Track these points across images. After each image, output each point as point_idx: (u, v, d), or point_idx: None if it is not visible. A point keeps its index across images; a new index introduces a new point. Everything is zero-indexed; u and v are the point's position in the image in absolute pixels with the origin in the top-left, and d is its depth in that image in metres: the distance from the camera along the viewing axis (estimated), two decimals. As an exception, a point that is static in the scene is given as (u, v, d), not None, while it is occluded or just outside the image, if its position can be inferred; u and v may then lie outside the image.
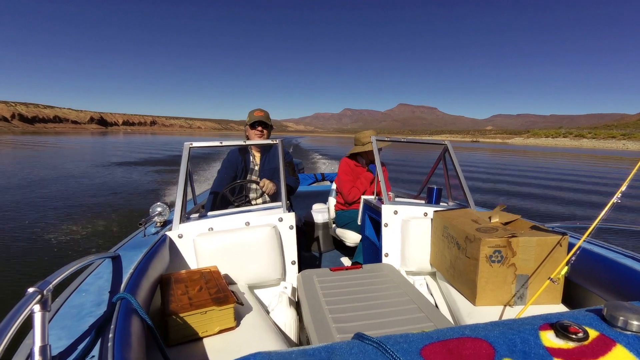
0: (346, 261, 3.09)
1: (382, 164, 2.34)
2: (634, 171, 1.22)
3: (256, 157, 2.61)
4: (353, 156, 3.08)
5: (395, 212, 2.12)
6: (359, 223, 2.74)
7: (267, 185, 2.33)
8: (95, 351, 0.84)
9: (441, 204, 2.32)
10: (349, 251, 3.16)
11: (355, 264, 2.72)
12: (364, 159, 3.03)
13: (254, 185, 2.50)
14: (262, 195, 2.55)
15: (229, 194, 2.31)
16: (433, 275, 2.11)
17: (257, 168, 2.58)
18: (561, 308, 1.55)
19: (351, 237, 2.92)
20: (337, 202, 3.19)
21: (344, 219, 3.00)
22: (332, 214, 3.29)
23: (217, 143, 2.14)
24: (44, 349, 0.72)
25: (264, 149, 2.60)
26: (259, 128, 2.51)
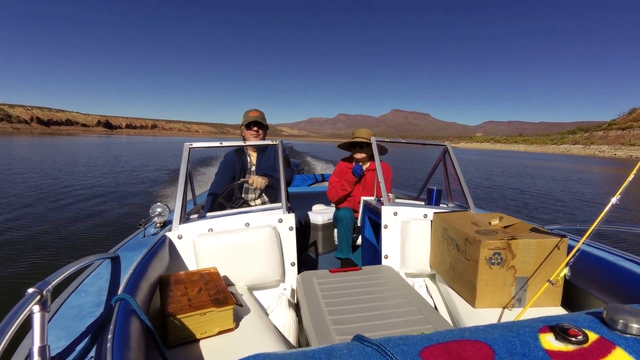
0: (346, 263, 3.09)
1: (382, 162, 2.33)
2: (633, 173, 1.22)
3: (253, 158, 2.62)
4: (349, 159, 3.09)
5: (395, 214, 2.12)
6: (359, 224, 2.74)
7: (256, 180, 2.32)
8: (94, 352, 0.84)
9: (441, 205, 2.32)
10: None
11: (343, 262, 2.74)
12: (353, 153, 2.99)
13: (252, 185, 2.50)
14: (260, 195, 2.56)
15: (224, 201, 2.30)
16: (432, 277, 2.11)
17: (254, 168, 2.58)
18: (561, 311, 1.55)
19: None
20: None
21: (334, 218, 3.04)
22: None
23: (217, 144, 2.14)
24: (43, 350, 0.72)
25: (260, 149, 2.61)
26: (255, 128, 2.52)
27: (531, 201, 10.92)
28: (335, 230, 3.03)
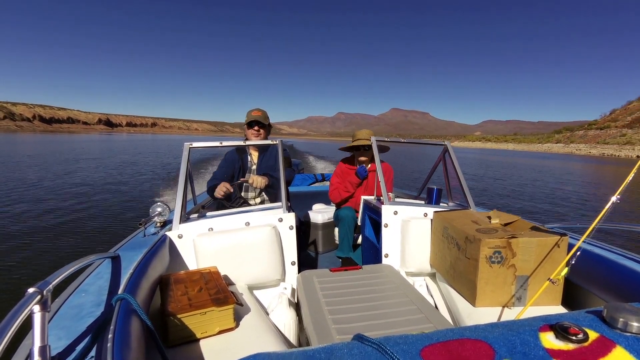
0: (346, 262, 3.09)
1: (383, 162, 2.34)
2: (633, 171, 1.22)
3: (254, 157, 2.64)
4: (350, 159, 3.08)
5: (395, 213, 2.12)
6: (359, 224, 2.74)
7: (256, 180, 2.33)
8: (95, 352, 0.84)
9: (441, 204, 2.32)
10: None
11: (344, 260, 2.74)
12: (357, 155, 2.99)
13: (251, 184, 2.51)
14: (260, 193, 2.56)
15: (224, 200, 2.31)
16: (433, 276, 2.11)
17: (254, 167, 2.60)
18: (561, 309, 1.55)
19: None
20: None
21: (335, 217, 3.04)
22: None
23: (217, 143, 2.14)
24: (43, 350, 0.72)
25: (262, 149, 2.62)
26: (255, 127, 2.55)
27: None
28: (336, 230, 3.03)
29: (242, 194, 2.55)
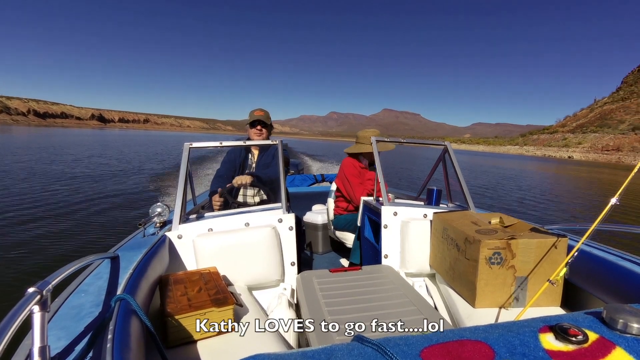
0: (345, 262, 3.08)
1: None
2: (633, 173, 1.22)
3: (255, 155, 2.69)
4: (355, 156, 3.03)
5: (395, 214, 2.12)
6: (359, 224, 2.74)
7: (239, 178, 2.38)
8: (94, 352, 0.84)
9: (441, 205, 2.32)
10: (348, 252, 3.16)
11: (352, 265, 2.73)
12: (367, 159, 2.98)
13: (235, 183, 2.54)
14: (259, 192, 2.58)
15: (222, 210, 2.34)
16: (432, 277, 2.11)
17: (254, 165, 2.65)
18: (560, 310, 1.55)
19: (351, 239, 2.92)
20: (337, 206, 3.08)
21: (342, 222, 2.98)
22: (331, 215, 3.26)
23: (216, 144, 2.14)
24: (42, 350, 0.72)
25: (262, 148, 2.67)
26: (258, 127, 2.61)
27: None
28: (348, 234, 2.97)
29: (242, 192, 2.59)
